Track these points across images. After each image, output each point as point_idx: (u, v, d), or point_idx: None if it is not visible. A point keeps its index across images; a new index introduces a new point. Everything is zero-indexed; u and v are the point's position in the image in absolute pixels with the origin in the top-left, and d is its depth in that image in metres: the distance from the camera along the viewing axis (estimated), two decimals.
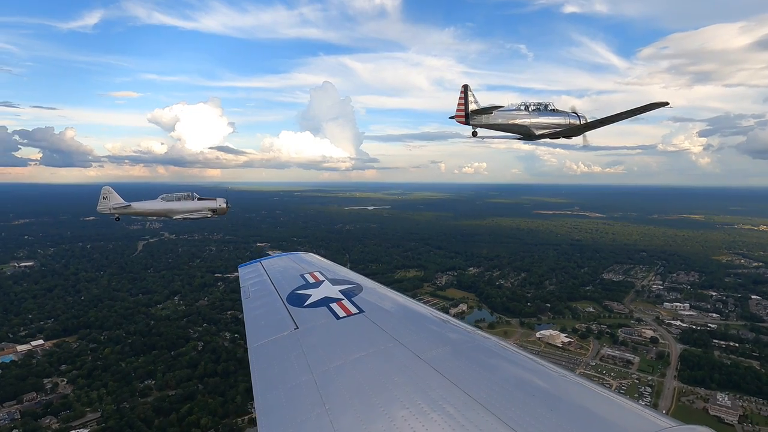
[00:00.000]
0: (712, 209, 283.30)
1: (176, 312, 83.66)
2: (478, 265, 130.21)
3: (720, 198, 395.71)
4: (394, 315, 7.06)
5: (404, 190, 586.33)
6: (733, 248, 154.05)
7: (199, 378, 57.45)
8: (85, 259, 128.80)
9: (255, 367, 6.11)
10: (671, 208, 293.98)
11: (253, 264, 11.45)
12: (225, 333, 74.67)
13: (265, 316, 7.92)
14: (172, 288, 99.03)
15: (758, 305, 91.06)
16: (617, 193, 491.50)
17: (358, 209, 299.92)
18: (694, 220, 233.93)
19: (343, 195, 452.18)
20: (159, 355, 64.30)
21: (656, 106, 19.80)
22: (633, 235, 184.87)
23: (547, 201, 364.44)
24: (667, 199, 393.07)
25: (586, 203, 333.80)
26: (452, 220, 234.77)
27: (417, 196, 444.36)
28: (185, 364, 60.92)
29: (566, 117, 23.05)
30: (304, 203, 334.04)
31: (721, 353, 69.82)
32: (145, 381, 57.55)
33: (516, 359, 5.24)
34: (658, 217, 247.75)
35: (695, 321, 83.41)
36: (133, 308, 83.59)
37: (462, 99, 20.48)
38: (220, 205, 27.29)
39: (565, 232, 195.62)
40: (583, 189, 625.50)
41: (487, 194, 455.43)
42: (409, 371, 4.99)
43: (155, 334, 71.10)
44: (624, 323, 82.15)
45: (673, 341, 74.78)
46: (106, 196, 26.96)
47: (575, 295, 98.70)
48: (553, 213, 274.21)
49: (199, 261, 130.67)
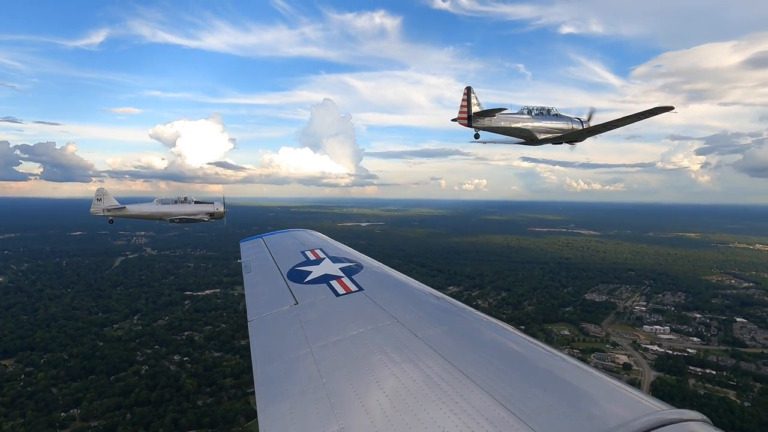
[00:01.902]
0: (709, 227, 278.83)
1: (130, 332, 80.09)
2: (458, 284, 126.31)
3: (718, 216, 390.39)
4: (393, 294, 6.99)
5: (403, 206, 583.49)
6: (725, 268, 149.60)
7: (129, 407, 53.74)
8: (56, 275, 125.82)
9: (254, 339, 6.16)
10: (668, 225, 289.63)
11: (255, 239, 11.43)
12: (175, 356, 71.15)
13: (265, 291, 7.93)
14: (134, 307, 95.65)
15: (742, 329, 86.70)
16: (615, 211, 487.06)
17: (350, 225, 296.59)
18: (689, 239, 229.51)
19: (340, 211, 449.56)
20: (95, 381, 60.62)
21: (661, 111, 19.40)
22: (624, 253, 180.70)
23: (544, 218, 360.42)
24: (665, 216, 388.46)
25: (583, 220, 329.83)
26: (443, 237, 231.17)
27: (414, 213, 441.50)
28: (118, 391, 57.20)
29: (569, 122, 22.73)
30: (298, 219, 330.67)
31: (697, 381, 65.61)
32: (70, 410, 53.82)
33: (512, 339, 5.19)
34: (654, 235, 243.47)
35: (674, 345, 79.11)
36: (86, 328, 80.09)
37: (465, 101, 20.15)
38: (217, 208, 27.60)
39: (556, 250, 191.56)
40: (582, 206, 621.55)
41: (484, 211, 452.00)
42: (406, 348, 5.00)
43: (99, 357, 67.59)
44: (598, 348, 77.92)
45: (648, 368, 70.54)
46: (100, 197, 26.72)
47: (552, 317, 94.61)
48: (547, 230, 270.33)
49: (173, 278, 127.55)
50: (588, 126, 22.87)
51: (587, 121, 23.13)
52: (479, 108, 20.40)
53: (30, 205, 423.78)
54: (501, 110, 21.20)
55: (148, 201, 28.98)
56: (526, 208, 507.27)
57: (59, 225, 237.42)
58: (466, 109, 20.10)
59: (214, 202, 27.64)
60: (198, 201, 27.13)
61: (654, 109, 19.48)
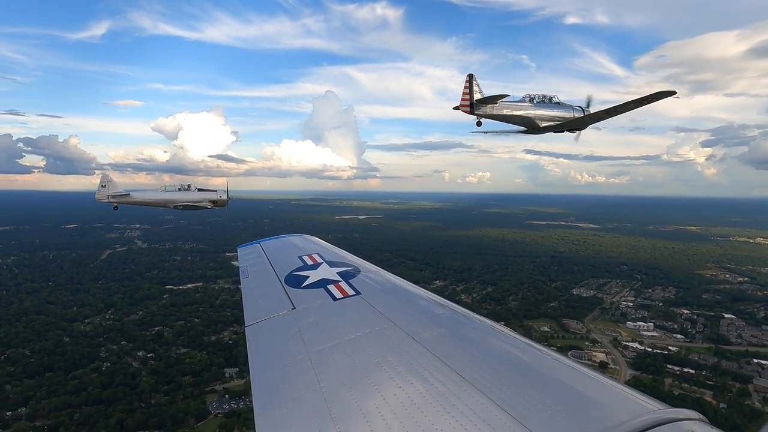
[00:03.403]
0: (712, 220, 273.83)
1: (98, 328, 78.83)
2: (444, 278, 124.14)
3: (722, 209, 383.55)
4: (390, 297, 6.95)
5: (404, 199, 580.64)
6: (721, 262, 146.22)
7: (78, 406, 52.31)
8: (39, 268, 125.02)
9: (252, 345, 6.04)
10: (669, 218, 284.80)
11: (253, 245, 11.48)
12: (140, 352, 69.79)
13: (262, 296, 7.84)
14: (110, 301, 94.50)
15: (729, 326, 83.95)
16: (618, 204, 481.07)
17: (348, 218, 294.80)
18: (689, 232, 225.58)
19: (340, 204, 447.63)
20: (52, 378, 59.28)
21: (664, 95, 19.17)
22: (621, 246, 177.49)
23: (545, 211, 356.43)
24: (668, 209, 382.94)
25: (584, 213, 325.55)
26: (439, 231, 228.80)
27: (414, 206, 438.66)
28: (71, 389, 55.78)
29: (570, 110, 22.67)
30: (297, 212, 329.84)
31: (674, 381, 63.31)
32: (19, 408, 52.45)
33: (509, 341, 5.17)
34: (654, 228, 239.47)
35: (656, 343, 76.67)
36: (55, 323, 78.95)
37: (467, 88, 20.13)
38: (220, 196, 28.16)
39: (551, 243, 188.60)
40: (585, 199, 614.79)
41: (486, 204, 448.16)
42: (403, 352, 4.99)
43: (60, 353, 66.31)
44: (577, 345, 75.68)
45: (625, 366, 68.34)
46: (104, 184, 27.01)
47: (534, 313, 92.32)
48: (546, 223, 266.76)
49: (156, 271, 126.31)
50: (588, 113, 22.69)
51: (587, 108, 22.95)
52: (481, 95, 20.34)
53: (34, 198, 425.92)
54: (503, 97, 21.15)
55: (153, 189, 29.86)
56: (529, 201, 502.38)
57: (55, 218, 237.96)
58: (469, 97, 20.11)
59: (217, 189, 28.31)
60: (201, 189, 27.85)
61: (656, 93, 19.12)
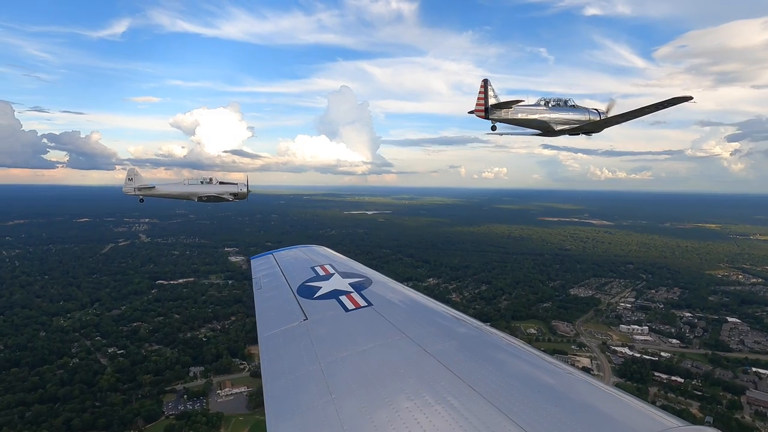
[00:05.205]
0: (733, 218, 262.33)
1: (77, 323, 78.72)
2: (439, 276, 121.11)
3: (746, 206, 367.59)
4: (402, 308, 6.95)
5: (419, 194, 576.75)
6: (735, 261, 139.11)
7: (32, 404, 51.63)
8: (38, 262, 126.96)
9: (265, 356, 6.10)
10: (688, 216, 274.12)
11: (266, 256, 11.55)
12: (111, 348, 69.19)
13: (275, 307, 7.93)
14: (97, 295, 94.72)
15: (732, 331, 78.86)
16: (637, 200, 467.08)
17: (356, 214, 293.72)
18: (707, 230, 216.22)
19: (352, 199, 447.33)
20: (17, 374, 58.99)
21: (679, 101, 19.18)
22: (630, 244, 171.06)
23: (559, 207, 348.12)
24: (689, 206, 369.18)
25: (600, 210, 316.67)
26: (445, 227, 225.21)
27: (427, 201, 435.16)
28: (29, 386, 55.23)
29: (586, 113, 22.83)
30: (306, 207, 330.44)
31: (659, 390, 59.28)
32: None
33: (522, 355, 5.10)
34: (670, 226, 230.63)
35: (648, 348, 72.36)
36: (35, 317, 79.21)
37: (482, 93, 20.43)
38: (240, 189, 29.27)
39: (558, 240, 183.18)
40: (604, 195, 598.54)
41: (499, 199, 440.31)
42: (415, 364, 4.97)
43: (30, 348, 66.17)
44: (562, 349, 71.78)
45: (610, 373, 64.45)
46: (131, 177, 28.38)
47: (523, 314, 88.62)
48: (558, 220, 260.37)
49: (152, 266, 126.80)
50: (606, 117, 22.75)
51: (606, 111, 22.93)
52: (496, 100, 20.63)
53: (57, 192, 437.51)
54: (518, 102, 21.37)
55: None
56: (545, 197, 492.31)
57: (69, 212, 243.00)
58: (483, 102, 20.36)
59: (237, 183, 29.52)
60: (222, 182, 29.21)
61: (672, 99, 19.12)
